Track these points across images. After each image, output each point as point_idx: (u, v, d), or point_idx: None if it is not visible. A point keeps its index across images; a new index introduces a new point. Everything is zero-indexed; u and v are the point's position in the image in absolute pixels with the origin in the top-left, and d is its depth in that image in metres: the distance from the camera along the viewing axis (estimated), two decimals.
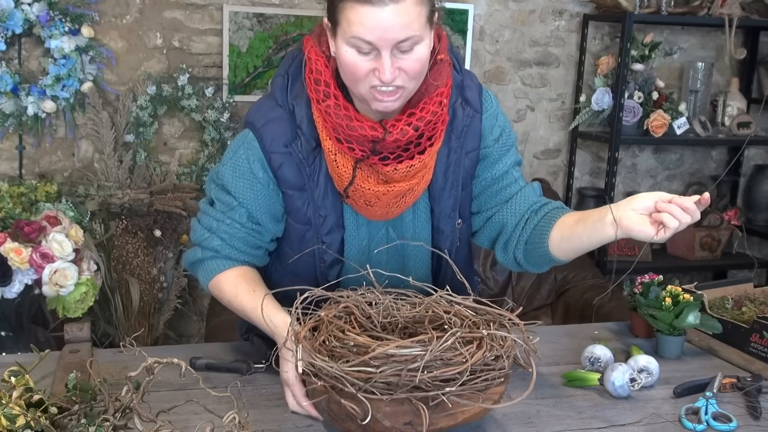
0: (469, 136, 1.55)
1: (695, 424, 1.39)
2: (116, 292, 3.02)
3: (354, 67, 1.34)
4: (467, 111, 1.54)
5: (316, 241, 1.54)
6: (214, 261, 1.56)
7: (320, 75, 1.41)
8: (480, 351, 1.21)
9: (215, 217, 1.55)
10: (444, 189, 1.55)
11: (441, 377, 1.18)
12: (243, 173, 1.51)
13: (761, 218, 4.05)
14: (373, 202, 1.47)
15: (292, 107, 1.48)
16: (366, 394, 1.17)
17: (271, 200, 1.53)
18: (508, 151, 1.61)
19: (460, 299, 1.37)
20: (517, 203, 1.60)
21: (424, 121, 1.40)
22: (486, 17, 3.61)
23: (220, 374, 1.53)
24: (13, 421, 1.11)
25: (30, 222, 2.57)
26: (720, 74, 3.97)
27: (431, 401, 1.18)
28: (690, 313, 1.67)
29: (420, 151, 1.43)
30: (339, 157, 1.44)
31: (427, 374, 1.16)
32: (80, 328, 1.65)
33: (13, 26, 2.91)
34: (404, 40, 1.31)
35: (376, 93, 1.36)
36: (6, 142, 3.11)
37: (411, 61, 1.34)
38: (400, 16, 1.29)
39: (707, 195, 1.34)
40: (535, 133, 3.80)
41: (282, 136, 1.48)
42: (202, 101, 3.20)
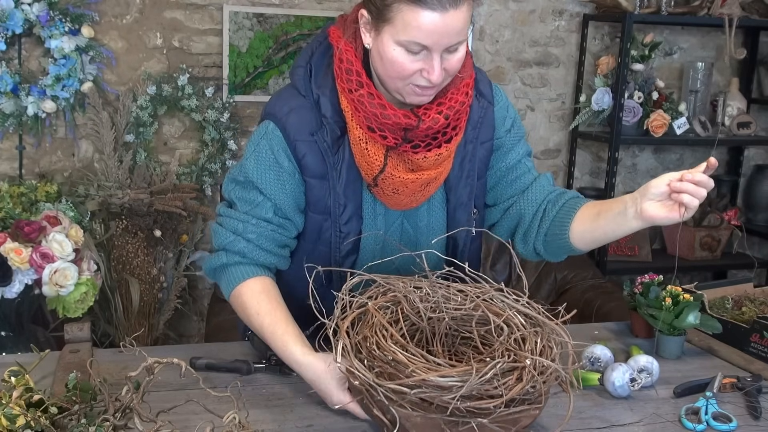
0: (483, 127, 1.58)
1: (695, 424, 1.39)
2: (116, 292, 3.02)
3: (401, 66, 1.37)
4: (482, 103, 1.58)
5: (333, 231, 1.55)
6: (239, 267, 1.52)
7: (351, 65, 1.42)
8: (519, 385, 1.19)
9: (239, 218, 1.52)
10: (460, 179, 1.57)
11: (476, 406, 1.17)
12: (268, 164, 1.50)
13: (761, 218, 4.05)
14: (400, 190, 1.49)
15: (317, 97, 1.48)
16: (398, 407, 1.18)
17: (297, 189, 1.52)
18: (519, 141, 1.65)
19: (512, 300, 1.36)
20: (534, 193, 1.62)
21: (453, 110, 1.44)
22: (486, 17, 3.61)
23: (220, 374, 1.53)
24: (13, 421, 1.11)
25: (30, 222, 2.57)
26: (720, 74, 3.97)
27: (462, 425, 1.18)
28: (690, 313, 1.67)
29: (447, 140, 1.47)
30: (370, 146, 1.45)
31: (461, 404, 1.15)
32: (80, 328, 1.65)
33: (13, 26, 2.91)
34: (456, 43, 1.36)
35: (417, 89, 1.40)
36: (6, 142, 3.11)
37: (453, 62, 1.39)
38: (457, 22, 1.32)
39: (713, 159, 1.33)
40: (535, 133, 3.80)
41: (307, 125, 1.49)
42: (202, 101, 3.20)
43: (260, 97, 3.33)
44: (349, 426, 1.35)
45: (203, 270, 1.63)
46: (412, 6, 1.31)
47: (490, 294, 1.38)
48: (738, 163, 4.09)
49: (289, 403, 1.42)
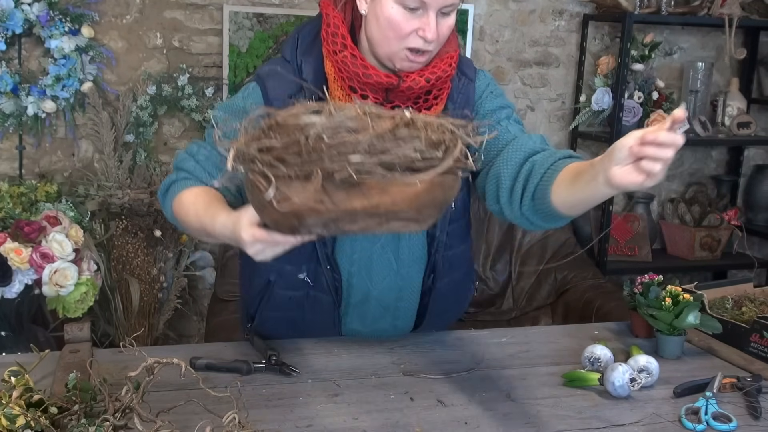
0: (463, 102, 1.61)
1: (695, 424, 1.39)
2: (116, 292, 3.02)
3: (398, 25, 1.43)
4: (463, 80, 1.61)
5: None
6: (183, 181, 1.53)
7: (337, 29, 1.50)
8: (389, 123, 1.09)
9: (197, 143, 1.59)
10: None
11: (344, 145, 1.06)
12: (235, 111, 1.52)
13: (761, 218, 4.05)
14: None
15: (300, 62, 1.56)
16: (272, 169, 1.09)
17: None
18: (497, 100, 1.65)
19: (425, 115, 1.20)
20: (512, 152, 1.51)
21: (435, 75, 1.49)
22: (486, 17, 3.61)
23: (220, 374, 1.53)
24: (13, 421, 1.11)
25: (30, 222, 2.57)
26: (720, 74, 3.97)
27: (337, 173, 1.07)
28: (690, 313, 1.67)
29: (427, 107, 1.52)
30: None
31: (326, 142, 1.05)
32: (80, 328, 1.65)
33: (13, 26, 2.91)
34: (450, 4, 1.44)
35: (409, 53, 1.45)
36: (6, 142, 3.11)
37: (444, 27, 1.46)
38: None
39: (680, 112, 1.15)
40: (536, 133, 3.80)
41: (286, 87, 1.54)
42: (202, 101, 3.20)
43: None
44: (349, 426, 1.35)
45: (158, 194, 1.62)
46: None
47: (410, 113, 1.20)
48: (738, 163, 4.09)
49: (289, 403, 1.43)
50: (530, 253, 3.48)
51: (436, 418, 1.38)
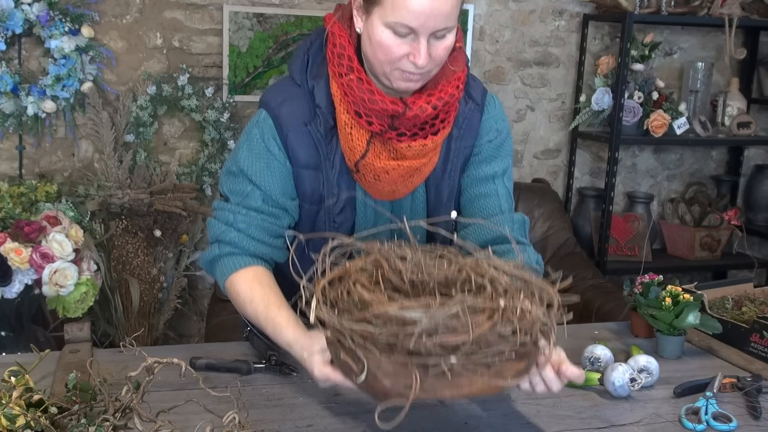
0: (467, 130, 1.57)
1: (695, 424, 1.39)
2: (116, 292, 3.02)
3: (388, 49, 1.38)
4: (469, 105, 1.56)
5: (327, 221, 1.55)
6: (231, 258, 1.52)
7: (344, 50, 1.44)
8: (489, 322, 1.13)
9: (231, 209, 1.53)
10: (442, 177, 1.57)
11: (445, 345, 1.11)
12: (259, 153, 1.51)
13: (761, 218, 4.05)
14: (381, 178, 1.49)
15: (312, 87, 1.49)
16: (366, 351, 1.14)
17: (286, 178, 1.52)
18: (498, 157, 1.60)
19: (501, 263, 1.28)
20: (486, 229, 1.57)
21: (442, 101, 1.44)
22: (486, 17, 3.61)
23: (220, 374, 1.53)
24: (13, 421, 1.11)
25: (30, 222, 2.57)
26: (720, 74, 3.97)
27: (432, 368, 1.12)
28: (690, 313, 1.67)
29: (434, 132, 1.47)
30: (354, 131, 1.46)
31: (426, 340, 1.11)
32: (80, 328, 1.65)
33: (13, 26, 2.91)
34: (443, 28, 1.36)
35: (404, 74, 1.40)
36: (6, 142, 3.11)
37: (440, 49, 1.39)
38: (445, 5, 1.33)
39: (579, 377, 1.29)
40: (535, 133, 3.80)
41: (301, 114, 1.50)
42: (202, 101, 3.20)
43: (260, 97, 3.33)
44: (349, 427, 1.35)
45: (200, 263, 1.62)
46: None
47: (476, 257, 1.31)
48: (738, 163, 4.10)
49: (289, 403, 1.42)
50: None
51: (436, 418, 1.38)
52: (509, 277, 1.26)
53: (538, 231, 3.50)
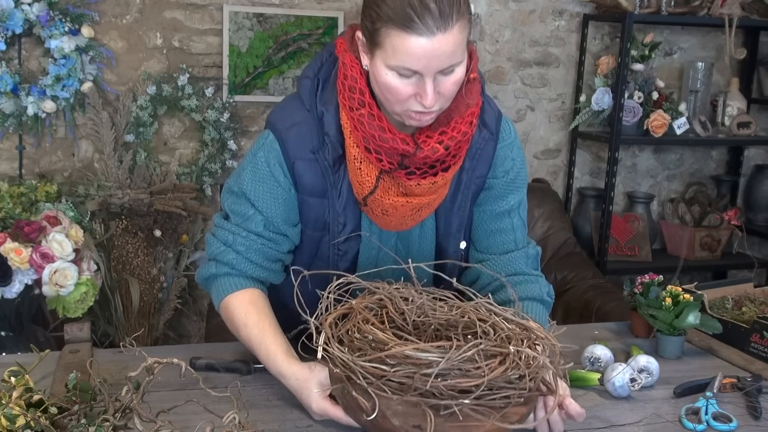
0: (481, 160, 1.53)
1: (695, 424, 1.39)
2: (116, 292, 3.02)
3: (395, 90, 1.32)
4: (483, 134, 1.51)
5: (331, 249, 1.53)
6: (227, 278, 1.51)
7: (355, 83, 1.38)
8: (501, 367, 1.18)
9: (230, 230, 1.51)
10: (452, 209, 1.54)
11: (456, 387, 1.16)
12: (263, 177, 1.48)
13: (761, 218, 4.05)
14: (390, 212, 1.47)
15: (321, 113, 1.44)
16: (377, 391, 1.16)
17: (290, 204, 1.50)
18: (515, 190, 1.58)
19: (500, 309, 1.33)
20: (501, 265, 1.58)
21: (454, 141, 1.39)
22: (486, 17, 3.61)
23: (220, 374, 1.53)
24: (13, 421, 1.11)
25: (30, 222, 2.57)
26: (720, 74, 3.97)
27: (443, 409, 1.16)
28: (690, 313, 1.67)
29: (444, 169, 1.43)
30: (364, 166, 1.43)
31: (440, 381, 1.14)
32: (80, 328, 1.65)
33: (13, 26, 2.91)
34: (448, 66, 1.30)
35: (414, 114, 1.35)
36: (6, 142, 3.11)
37: (449, 84, 1.33)
38: (447, 45, 1.27)
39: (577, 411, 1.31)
40: (535, 133, 3.80)
41: (308, 142, 1.46)
42: (202, 101, 3.20)
43: (260, 97, 3.33)
44: (349, 427, 1.35)
45: (196, 278, 1.61)
46: (399, 31, 1.26)
47: (477, 303, 1.36)
48: (738, 163, 4.09)
49: (289, 403, 1.42)
50: None
51: None
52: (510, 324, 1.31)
53: (538, 231, 3.50)
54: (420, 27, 1.24)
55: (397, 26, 1.26)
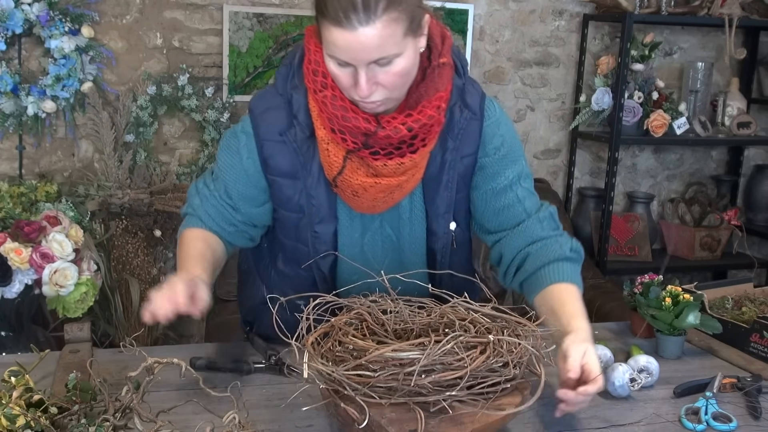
0: (465, 140, 1.54)
1: (695, 424, 1.39)
2: (116, 292, 3.02)
3: (337, 78, 1.38)
4: (465, 114, 1.52)
5: (309, 230, 1.56)
6: (191, 217, 1.63)
7: (318, 66, 1.42)
8: (483, 356, 1.20)
9: (205, 180, 1.64)
10: (437, 190, 1.55)
11: (442, 382, 1.16)
12: (231, 151, 1.57)
13: (761, 218, 4.05)
14: (360, 193, 1.48)
15: (290, 96, 1.50)
16: (366, 398, 1.17)
17: (248, 185, 1.57)
18: (510, 165, 1.58)
19: (478, 306, 1.35)
20: (515, 237, 1.60)
21: (419, 124, 1.41)
22: (486, 17, 3.61)
23: (220, 374, 1.53)
24: (13, 421, 1.11)
25: (30, 222, 2.57)
26: (720, 74, 3.97)
27: (432, 406, 1.17)
28: (690, 313, 1.67)
29: (412, 151, 1.44)
30: (331, 147, 1.46)
31: (425, 378, 1.15)
32: (80, 328, 1.65)
33: (13, 26, 2.91)
34: (381, 58, 1.32)
35: (359, 102, 1.38)
36: (6, 142, 3.11)
37: (390, 75, 1.34)
38: (370, 38, 1.29)
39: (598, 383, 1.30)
40: (535, 133, 3.80)
41: (278, 124, 1.51)
42: (202, 101, 3.20)
43: None
44: None
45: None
46: (328, 24, 1.31)
47: (454, 302, 1.37)
48: (738, 163, 4.10)
49: (289, 403, 1.42)
50: None
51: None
52: (489, 318, 1.33)
53: None
54: (343, 20, 1.28)
55: (326, 19, 1.32)
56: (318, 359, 1.23)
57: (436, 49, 1.43)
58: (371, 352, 1.19)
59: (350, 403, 1.19)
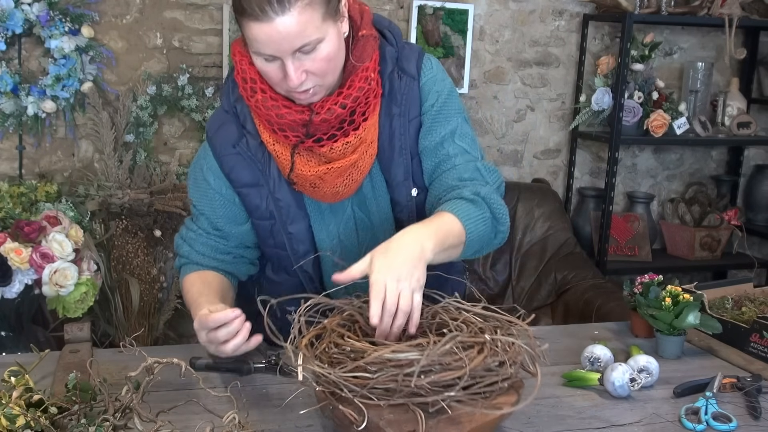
0: (410, 104, 1.53)
1: (695, 424, 1.39)
2: (116, 292, 3.02)
3: (267, 74, 1.39)
4: (404, 80, 1.52)
5: (283, 233, 1.58)
6: (186, 266, 1.64)
7: (245, 73, 1.43)
8: (481, 356, 1.20)
9: (187, 226, 1.65)
10: (392, 158, 1.54)
11: (441, 383, 1.17)
12: (198, 183, 1.59)
13: (761, 218, 4.05)
14: (318, 184, 1.49)
15: (235, 108, 1.53)
16: (364, 400, 1.17)
17: (226, 205, 1.58)
18: (442, 121, 1.54)
19: (469, 306, 1.36)
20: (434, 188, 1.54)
21: (351, 98, 1.42)
22: (486, 17, 3.61)
23: (220, 374, 1.53)
24: (13, 421, 1.11)
25: (30, 222, 2.57)
26: (720, 74, 3.97)
27: (431, 407, 1.17)
28: (690, 313, 1.67)
29: (354, 128, 1.45)
30: (277, 147, 1.48)
31: (424, 379, 1.16)
32: (80, 328, 1.65)
33: (13, 26, 2.91)
34: (304, 45, 1.33)
35: (294, 93, 1.39)
36: (6, 142, 3.11)
37: (317, 61, 1.36)
38: (290, 27, 1.30)
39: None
40: (535, 133, 3.80)
41: (229, 138, 1.53)
42: (202, 101, 3.20)
43: None
44: None
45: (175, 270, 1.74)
46: (245, 20, 1.32)
47: (446, 302, 1.38)
48: (738, 163, 4.10)
49: (289, 403, 1.42)
50: (530, 253, 3.48)
51: None
52: (481, 318, 1.33)
53: (538, 231, 3.51)
54: (260, 14, 1.29)
55: (243, 16, 1.32)
56: (313, 361, 1.23)
57: (355, 25, 1.45)
58: (370, 354, 1.19)
59: (347, 405, 1.19)
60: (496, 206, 1.48)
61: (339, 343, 1.27)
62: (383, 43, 1.51)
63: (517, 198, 3.52)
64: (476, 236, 1.43)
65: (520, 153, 3.79)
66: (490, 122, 3.71)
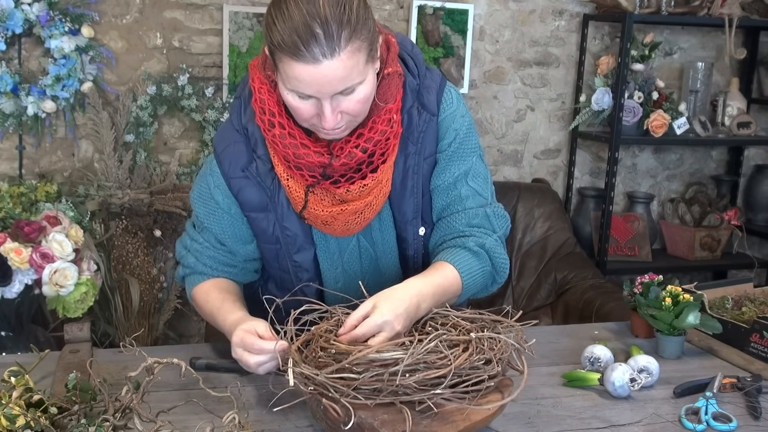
0: (426, 141, 1.50)
1: (695, 424, 1.39)
2: (116, 292, 3.02)
3: (297, 111, 1.34)
4: (423, 116, 1.48)
5: (288, 260, 1.56)
6: (192, 276, 1.62)
7: (264, 104, 1.39)
8: (466, 354, 1.20)
9: (191, 236, 1.63)
10: (403, 196, 1.52)
11: (426, 381, 1.17)
12: (205, 199, 1.56)
13: (761, 218, 4.05)
14: (330, 222, 1.47)
15: (246, 130, 1.48)
16: (351, 400, 1.17)
17: (234, 224, 1.56)
18: (457, 159, 1.52)
19: (457, 312, 1.36)
20: (441, 228, 1.55)
21: (372, 142, 1.39)
22: (486, 17, 3.61)
23: (220, 374, 1.53)
24: (13, 421, 1.11)
25: (30, 222, 2.57)
26: (720, 74, 3.97)
27: (418, 405, 1.17)
28: (690, 313, 1.67)
29: (372, 170, 1.42)
30: (291, 182, 1.45)
31: (408, 378, 1.16)
32: (80, 328, 1.65)
33: (13, 26, 2.91)
34: (346, 88, 1.30)
35: (321, 130, 1.36)
36: (6, 142, 3.11)
37: (353, 102, 1.32)
38: (336, 71, 1.26)
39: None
40: (535, 133, 3.80)
41: (239, 160, 1.49)
42: (202, 101, 3.20)
43: None
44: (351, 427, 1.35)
45: (176, 280, 1.72)
46: (287, 58, 1.26)
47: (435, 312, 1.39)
48: (738, 163, 4.10)
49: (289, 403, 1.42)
50: (530, 253, 3.48)
51: None
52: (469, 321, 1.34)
53: (538, 231, 3.50)
54: (306, 55, 1.24)
55: (285, 53, 1.26)
56: (302, 364, 1.23)
57: (382, 60, 1.40)
58: (354, 354, 1.19)
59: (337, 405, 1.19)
60: (498, 259, 1.53)
61: (325, 347, 1.28)
62: (405, 74, 1.46)
63: (517, 198, 3.52)
64: (473, 287, 1.50)
65: (520, 153, 3.79)
66: (490, 122, 3.71)
